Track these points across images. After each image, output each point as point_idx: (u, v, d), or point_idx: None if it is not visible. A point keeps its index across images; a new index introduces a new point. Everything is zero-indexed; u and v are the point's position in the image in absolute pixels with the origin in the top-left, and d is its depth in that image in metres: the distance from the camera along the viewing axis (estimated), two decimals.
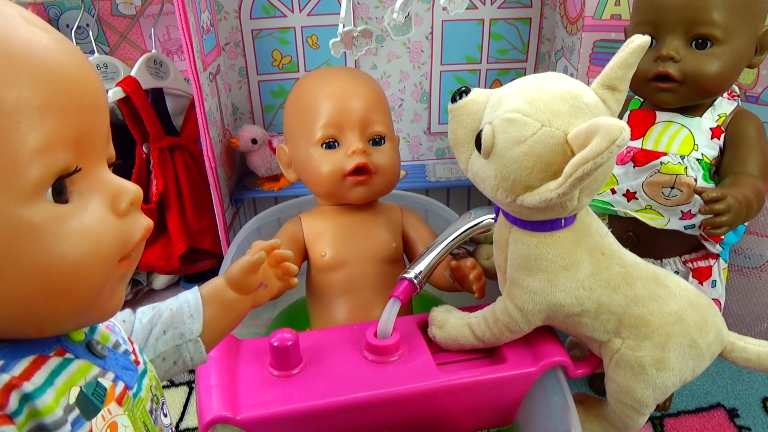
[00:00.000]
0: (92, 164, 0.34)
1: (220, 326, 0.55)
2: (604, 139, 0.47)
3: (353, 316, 0.80)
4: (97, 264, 0.33)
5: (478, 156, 0.59)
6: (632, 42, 0.56)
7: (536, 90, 0.55)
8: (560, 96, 0.54)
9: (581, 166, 0.48)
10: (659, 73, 0.74)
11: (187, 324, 0.52)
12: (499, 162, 0.56)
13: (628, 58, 0.57)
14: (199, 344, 0.52)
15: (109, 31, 1.18)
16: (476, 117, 0.59)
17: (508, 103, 0.56)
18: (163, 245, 1.12)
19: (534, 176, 0.54)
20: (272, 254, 0.59)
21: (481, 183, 0.60)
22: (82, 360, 0.36)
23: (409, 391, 0.62)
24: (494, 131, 0.56)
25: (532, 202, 0.55)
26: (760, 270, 1.02)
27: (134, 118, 1.06)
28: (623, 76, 0.57)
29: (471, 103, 0.60)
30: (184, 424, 1.05)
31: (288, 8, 1.18)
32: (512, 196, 0.57)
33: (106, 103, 0.36)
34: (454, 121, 0.61)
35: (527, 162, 0.54)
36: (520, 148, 0.54)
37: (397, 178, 0.86)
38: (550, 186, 0.53)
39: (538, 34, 1.23)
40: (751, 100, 0.94)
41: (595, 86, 0.58)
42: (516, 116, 0.54)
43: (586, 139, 0.49)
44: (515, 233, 0.62)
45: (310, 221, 0.85)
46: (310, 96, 0.82)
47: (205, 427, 0.57)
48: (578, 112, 0.54)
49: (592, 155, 0.47)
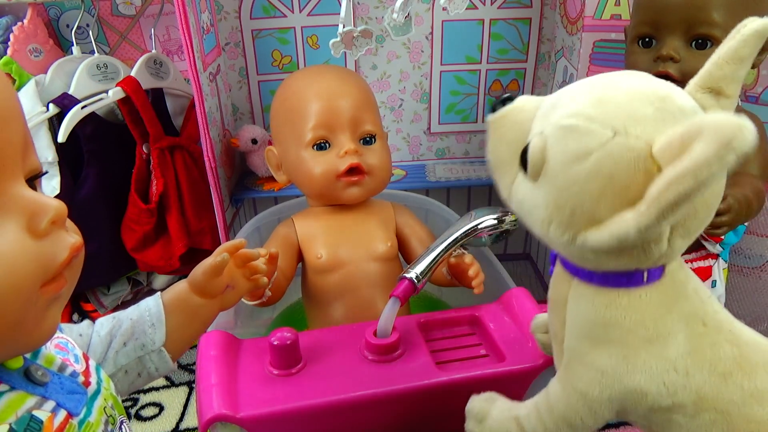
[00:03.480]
0: (3, 181, 0.31)
1: (185, 333, 0.53)
2: (713, 141, 0.31)
3: (351, 316, 0.80)
4: (13, 293, 0.30)
5: (524, 178, 0.44)
6: (745, 27, 0.40)
7: (606, 88, 0.41)
8: (641, 96, 0.39)
9: (675, 184, 0.33)
10: (659, 73, 0.74)
11: (149, 334, 0.50)
12: (553, 185, 0.41)
13: (740, 50, 0.41)
14: (163, 354, 0.50)
15: (109, 31, 1.18)
16: (523, 129, 0.45)
17: (566, 107, 0.41)
18: (163, 245, 1.12)
19: (603, 205, 0.38)
20: (237, 254, 0.57)
21: (528, 215, 0.44)
22: (16, 391, 0.33)
23: (409, 389, 0.62)
24: (545, 144, 0.41)
25: (599, 241, 0.39)
26: (760, 270, 1.02)
27: (134, 118, 1.06)
28: (733, 75, 0.42)
29: (516, 111, 0.46)
30: (184, 424, 1.05)
31: (288, 8, 1.18)
32: (571, 233, 0.41)
33: (16, 111, 0.32)
34: (494, 136, 0.47)
35: (593, 184, 0.38)
36: (582, 166, 0.38)
37: (389, 176, 0.86)
38: (626, 217, 0.37)
39: (538, 34, 1.23)
40: (751, 100, 0.94)
41: (693, 89, 0.43)
42: (576, 122, 0.39)
43: (682, 149, 0.33)
44: (577, 289, 0.46)
45: (303, 223, 0.84)
46: (298, 97, 0.82)
47: (205, 425, 0.57)
48: (668, 118, 0.38)
49: (693, 167, 0.32)
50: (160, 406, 1.09)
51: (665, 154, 0.36)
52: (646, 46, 0.77)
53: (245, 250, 0.57)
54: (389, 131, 1.30)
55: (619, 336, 0.44)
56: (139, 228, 1.09)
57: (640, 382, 0.44)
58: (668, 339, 0.44)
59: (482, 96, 1.29)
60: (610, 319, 0.44)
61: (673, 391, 0.44)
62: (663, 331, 0.44)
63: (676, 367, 0.44)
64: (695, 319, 0.45)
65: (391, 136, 1.31)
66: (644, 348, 0.44)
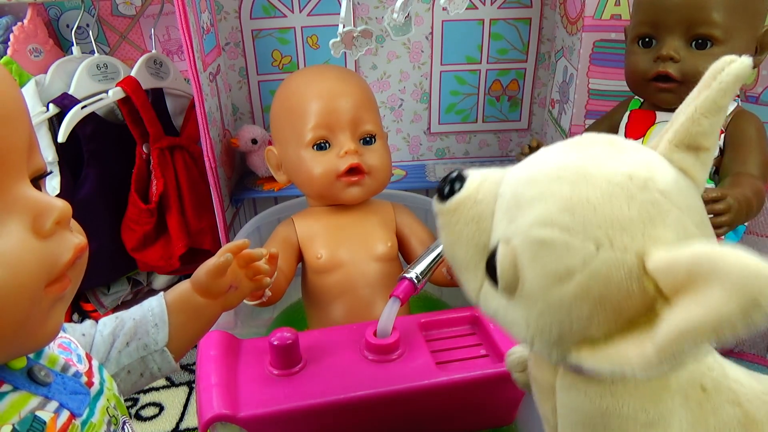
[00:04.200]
0: (8, 182, 0.31)
1: (188, 333, 0.53)
2: (736, 296, 0.26)
3: (351, 316, 0.80)
4: (18, 294, 0.30)
5: (495, 291, 0.39)
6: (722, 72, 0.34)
7: (575, 181, 0.34)
8: (618, 189, 0.33)
9: (690, 336, 0.29)
10: (659, 73, 0.74)
11: (152, 334, 0.50)
12: (533, 306, 0.36)
13: (719, 100, 0.35)
14: (165, 354, 0.50)
15: (109, 31, 1.18)
16: (481, 227, 0.39)
17: (533, 209, 0.35)
18: (163, 245, 1.12)
19: (594, 328, 0.34)
20: (241, 255, 0.56)
21: (507, 327, 0.40)
22: (19, 392, 0.33)
23: (409, 389, 0.62)
24: (516, 259, 0.36)
25: (598, 367, 0.35)
26: None
27: (134, 118, 1.06)
28: (711, 128, 0.36)
29: (469, 203, 0.39)
30: (184, 424, 1.05)
31: (288, 8, 1.18)
32: (559, 353, 0.37)
33: (21, 111, 0.32)
34: (447, 233, 0.41)
35: (580, 309, 0.34)
36: (565, 288, 0.34)
37: (389, 176, 0.86)
38: (629, 355, 0.32)
39: (538, 34, 1.23)
40: (751, 100, 0.94)
41: (667, 149, 0.38)
42: (550, 235, 0.34)
43: (689, 280, 0.29)
44: (565, 378, 0.42)
45: (303, 223, 0.84)
46: (298, 97, 0.82)
47: (205, 425, 0.57)
48: (656, 214, 0.33)
49: (714, 323, 0.27)
50: (160, 406, 1.09)
51: (666, 277, 0.31)
52: (646, 46, 0.77)
53: (248, 250, 0.57)
54: (389, 131, 1.30)
55: (618, 425, 0.40)
56: (139, 228, 1.09)
57: None
58: (670, 418, 0.40)
59: (482, 96, 1.29)
60: (606, 409, 0.40)
61: None
62: (664, 412, 0.40)
63: None
64: (693, 385, 0.41)
65: (391, 136, 1.31)
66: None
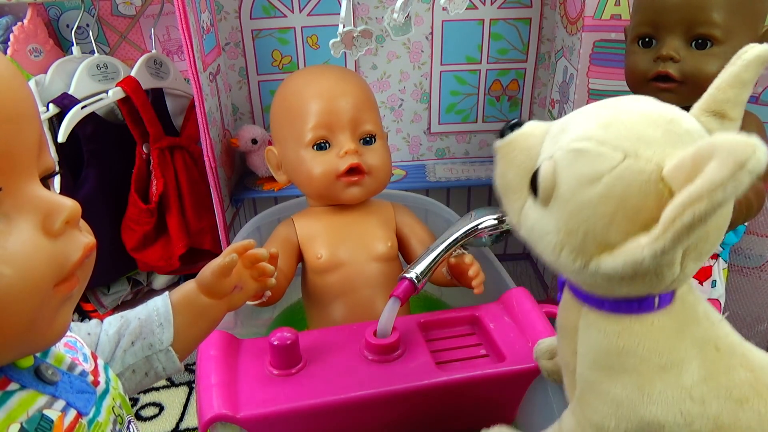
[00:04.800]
0: (18, 181, 0.31)
1: (193, 333, 0.53)
2: (727, 162, 0.30)
3: (351, 316, 0.80)
4: (27, 293, 0.30)
5: (534, 204, 0.43)
6: (745, 52, 0.41)
7: (614, 111, 0.41)
8: (649, 118, 0.39)
9: (690, 207, 0.32)
10: (659, 73, 0.74)
11: (157, 334, 0.50)
12: (564, 209, 0.40)
13: (742, 74, 0.42)
14: (170, 354, 0.50)
15: (109, 31, 1.18)
16: (532, 154, 0.45)
17: (574, 129, 0.41)
18: (163, 245, 1.12)
19: (615, 229, 0.38)
20: (246, 255, 0.56)
21: (539, 241, 0.44)
22: (27, 390, 0.33)
23: (409, 389, 0.62)
24: (555, 168, 0.41)
25: (612, 267, 0.38)
26: (760, 270, 1.02)
27: (134, 118, 1.06)
28: (736, 99, 0.42)
29: (524, 136, 0.45)
30: (184, 424, 1.05)
31: (288, 8, 1.18)
32: (583, 259, 0.40)
33: (32, 110, 0.32)
34: (502, 162, 0.47)
35: (604, 208, 0.38)
36: (593, 189, 0.38)
37: (389, 176, 0.86)
38: (641, 242, 0.36)
39: (538, 34, 1.23)
40: (751, 100, 0.94)
41: (697, 112, 0.43)
42: (586, 145, 0.39)
43: (694, 170, 0.33)
44: (588, 317, 0.45)
45: (303, 223, 0.84)
46: (298, 96, 0.82)
47: (205, 425, 0.57)
48: (676, 140, 0.38)
49: (708, 189, 0.31)
50: (160, 406, 1.09)
51: (676, 176, 0.36)
52: (646, 46, 0.77)
53: (254, 250, 0.57)
54: (389, 131, 1.30)
55: (633, 364, 0.43)
56: (139, 228, 1.09)
57: (656, 413, 0.43)
58: (683, 366, 0.43)
59: (482, 96, 1.30)
60: (623, 348, 0.43)
61: (690, 420, 0.43)
62: (677, 358, 0.43)
63: (692, 395, 0.43)
64: (708, 343, 0.44)
65: (391, 136, 1.31)
66: (659, 376, 0.43)
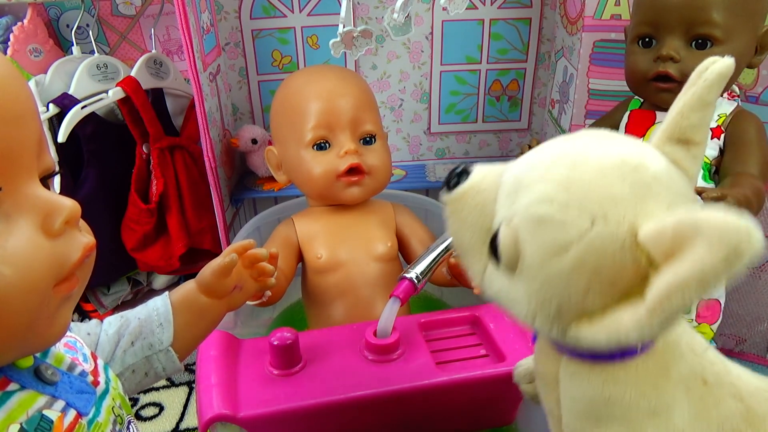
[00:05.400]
0: (18, 181, 0.30)
1: (193, 333, 0.53)
2: (718, 248, 0.28)
3: (351, 316, 0.80)
4: (27, 293, 0.30)
5: (497, 270, 0.40)
6: (706, 70, 0.38)
7: (572, 164, 0.36)
8: (611, 170, 0.35)
9: (679, 292, 0.30)
10: (659, 73, 0.74)
11: (157, 334, 0.50)
12: (532, 280, 0.37)
13: (705, 96, 0.38)
14: (170, 354, 0.50)
15: (109, 31, 1.18)
16: (486, 211, 0.41)
17: (532, 190, 0.37)
18: (163, 245, 1.12)
19: (591, 299, 0.36)
20: (246, 255, 0.56)
21: (509, 308, 0.41)
22: (26, 391, 0.33)
23: (409, 389, 0.62)
24: (517, 236, 0.37)
25: (595, 339, 0.36)
26: (760, 270, 1.02)
27: (134, 118, 1.06)
28: (700, 122, 0.39)
29: (474, 191, 0.41)
30: (184, 424, 1.05)
31: (288, 8, 1.18)
32: (560, 326, 0.38)
33: (32, 110, 0.32)
34: (454, 220, 0.43)
35: (577, 279, 0.35)
36: (562, 261, 0.35)
37: (389, 176, 0.86)
38: (624, 320, 0.34)
39: (538, 34, 1.23)
40: (751, 100, 0.94)
41: (659, 142, 0.40)
42: (548, 211, 0.36)
43: (675, 244, 0.31)
44: (568, 366, 0.43)
45: (303, 223, 0.84)
46: (299, 96, 0.82)
47: (205, 425, 0.57)
48: (645, 192, 0.35)
49: (698, 276, 0.29)
50: (160, 406, 1.09)
51: (655, 245, 0.33)
52: (646, 46, 0.77)
53: (254, 250, 0.57)
54: (389, 131, 1.30)
55: (621, 412, 0.41)
56: (139, 228, 1.09)
57: None
58: (672, 407, 0.41)
59: (482, 96, 1.29)
60: (609, 397, 0.41)
61: None
62: (665, 401, 0.41)
63: None
64: (695, 378, 0.42)
65: (391, 136, 1.31)
66: (649, 421, 0.41)
